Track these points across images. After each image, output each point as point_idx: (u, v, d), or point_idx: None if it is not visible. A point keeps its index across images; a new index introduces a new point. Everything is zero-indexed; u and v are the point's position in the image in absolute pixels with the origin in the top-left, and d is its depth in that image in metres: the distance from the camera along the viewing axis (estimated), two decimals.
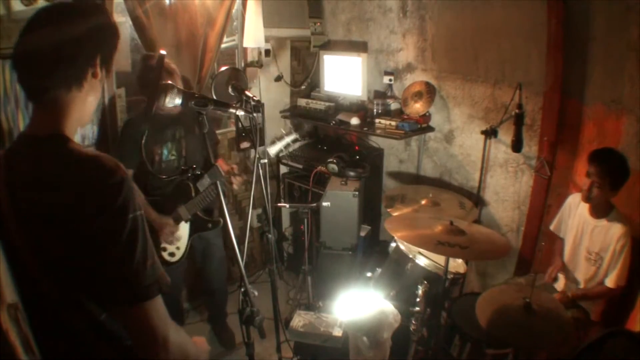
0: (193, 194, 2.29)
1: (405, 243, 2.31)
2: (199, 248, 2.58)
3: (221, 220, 2.47)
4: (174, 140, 2.35)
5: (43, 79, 0.89)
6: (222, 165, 2.40)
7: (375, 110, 3.20)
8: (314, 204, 2.70)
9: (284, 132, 2.11)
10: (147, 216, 2.20)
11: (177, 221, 2.29)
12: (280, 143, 2.08)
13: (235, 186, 2.34)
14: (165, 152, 2.33)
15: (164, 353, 0.90)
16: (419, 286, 2.08)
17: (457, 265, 2.42)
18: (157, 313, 0.90)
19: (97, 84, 0.98)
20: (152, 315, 0.89)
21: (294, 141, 2.16)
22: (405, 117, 3.00)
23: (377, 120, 3.05)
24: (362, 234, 2.87)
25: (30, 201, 0.85)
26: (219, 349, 2.77)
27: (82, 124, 1.00)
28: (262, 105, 1.62)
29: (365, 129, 3.09)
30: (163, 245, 2.30)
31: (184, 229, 2.35)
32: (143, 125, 1.82)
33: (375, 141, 3.51)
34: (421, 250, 2.23)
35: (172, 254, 2.34)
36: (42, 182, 0.85)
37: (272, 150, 2.08)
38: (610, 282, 2.07)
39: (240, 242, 1.76)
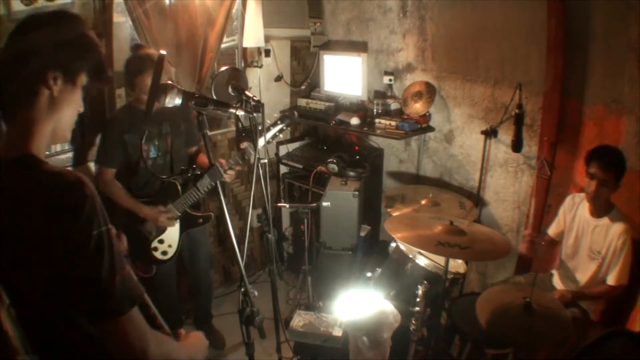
0: (180, 192, 2.27)
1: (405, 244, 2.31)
2: (185, 245, 2.56)
3: (212, 214, 2.46)
4: (160, 136, 2.32)
5: None
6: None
7: (375, 110, 3.19)
8: (314, 204, 2.70)
9: (269, 122, 2.08)
10: (139, 212, 2.20)
11: None
12: (266, 134, 2.06)
13: (228, 179, 2.28)
14: (152, 148, 2.30)
15: None
16: (419, 286, 2.08)
17: (457, 265, 2.42)
18: (133, 327, 0.88)
19: (64, 101, 0.92)
20: (126, 329, 0.87)
21: (280, 131, 2.15)
22: (405, 117, 3.00)
23: (377, 120, 3.05)
24: (362, 234, 2.87)
25: (1, 223, 0.84)
26: (213, 351, 2.75)
27: (55, 142, 0.96)
28: (262, 105, 1.62)
29: (365, 129, 3.09)
30: (154, 245, 2.30)
31: (174, 227, 2.35)
32: (143, 125, 1.83)
33: (375, 141, 3.51)
34: (421, 250, 2.23)
35: (164, 253, 2.34)
36: (9, 204, 0.83)
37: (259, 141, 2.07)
38: (612, 279, 2.06)
39: (240, 242, 1.75)
